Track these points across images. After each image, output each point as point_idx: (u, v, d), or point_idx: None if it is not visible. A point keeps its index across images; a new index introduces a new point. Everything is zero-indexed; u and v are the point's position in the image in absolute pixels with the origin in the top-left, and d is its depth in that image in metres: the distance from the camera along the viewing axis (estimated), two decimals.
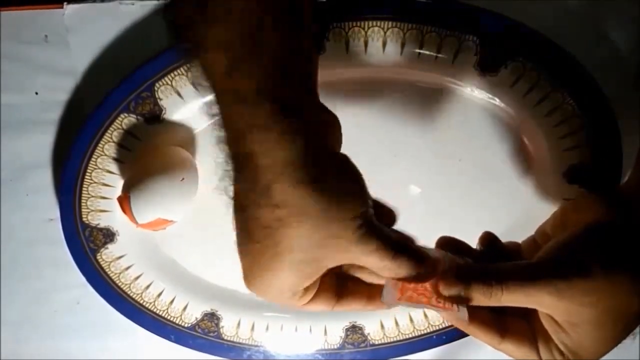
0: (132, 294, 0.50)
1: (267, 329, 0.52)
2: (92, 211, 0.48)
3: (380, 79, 0.46)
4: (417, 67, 0.44)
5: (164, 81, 0.45)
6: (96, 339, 0.54)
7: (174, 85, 0.45)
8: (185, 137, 0.48)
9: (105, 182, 0.47)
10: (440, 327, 0.50)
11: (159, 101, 0.45)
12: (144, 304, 0.51)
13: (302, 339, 0.52)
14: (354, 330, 0.51)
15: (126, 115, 0.46)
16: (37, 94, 0.48)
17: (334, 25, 0.43)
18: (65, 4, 0.45)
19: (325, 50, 0.43)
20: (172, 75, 0.44)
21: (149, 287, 0.51)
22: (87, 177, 0.47)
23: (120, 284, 0.50)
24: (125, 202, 0.44)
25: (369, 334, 0.51)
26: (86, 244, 0.49)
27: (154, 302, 0.51)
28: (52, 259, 0.51)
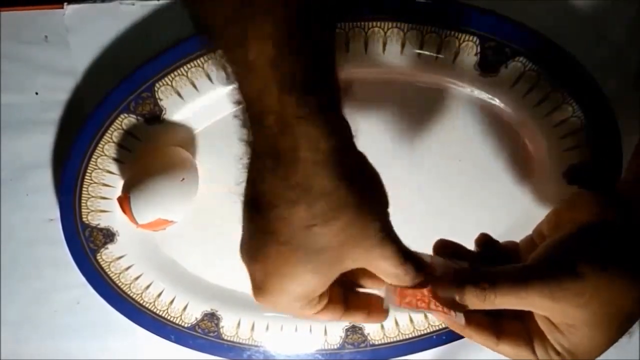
0: (132, 294, 0.50)
1: (267, 329, 0.52)
2: (92, 211, 0.48)
3: (380, 79, 0.46)
4: (417, 68, 0.44)
5: (164, 81, 0.45)
6: (96, 339, 0.54)
7: (174, 85, 0.45)
8: (185, 137, 0.48)
9: (105, 183, 0.47)
10: (440, 327, 0.50)
11: (159, 101, 0.45)
12: (144, 304, 0.51)
13: (302, 339, 0.52)
14: (354, 330, 0.51)
15: (126, 115, 0.46)
16: (37, 94, 0.48)
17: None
18: (65, 4, 0.45)
19: None
20: (172, 75, 0.44)
21: (149, 287, 0.51)
22: (87, 177, 0.47)
23: (120, 284, 0.50)
24: (125, 202, 0.44)
25: (368, 334, 0.51)
26: (86, 244, 0.49)
27: (154, 302, 0.51)
28: (52, 259, 0.51)
